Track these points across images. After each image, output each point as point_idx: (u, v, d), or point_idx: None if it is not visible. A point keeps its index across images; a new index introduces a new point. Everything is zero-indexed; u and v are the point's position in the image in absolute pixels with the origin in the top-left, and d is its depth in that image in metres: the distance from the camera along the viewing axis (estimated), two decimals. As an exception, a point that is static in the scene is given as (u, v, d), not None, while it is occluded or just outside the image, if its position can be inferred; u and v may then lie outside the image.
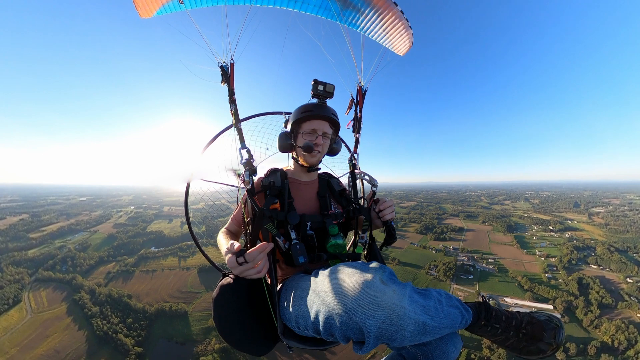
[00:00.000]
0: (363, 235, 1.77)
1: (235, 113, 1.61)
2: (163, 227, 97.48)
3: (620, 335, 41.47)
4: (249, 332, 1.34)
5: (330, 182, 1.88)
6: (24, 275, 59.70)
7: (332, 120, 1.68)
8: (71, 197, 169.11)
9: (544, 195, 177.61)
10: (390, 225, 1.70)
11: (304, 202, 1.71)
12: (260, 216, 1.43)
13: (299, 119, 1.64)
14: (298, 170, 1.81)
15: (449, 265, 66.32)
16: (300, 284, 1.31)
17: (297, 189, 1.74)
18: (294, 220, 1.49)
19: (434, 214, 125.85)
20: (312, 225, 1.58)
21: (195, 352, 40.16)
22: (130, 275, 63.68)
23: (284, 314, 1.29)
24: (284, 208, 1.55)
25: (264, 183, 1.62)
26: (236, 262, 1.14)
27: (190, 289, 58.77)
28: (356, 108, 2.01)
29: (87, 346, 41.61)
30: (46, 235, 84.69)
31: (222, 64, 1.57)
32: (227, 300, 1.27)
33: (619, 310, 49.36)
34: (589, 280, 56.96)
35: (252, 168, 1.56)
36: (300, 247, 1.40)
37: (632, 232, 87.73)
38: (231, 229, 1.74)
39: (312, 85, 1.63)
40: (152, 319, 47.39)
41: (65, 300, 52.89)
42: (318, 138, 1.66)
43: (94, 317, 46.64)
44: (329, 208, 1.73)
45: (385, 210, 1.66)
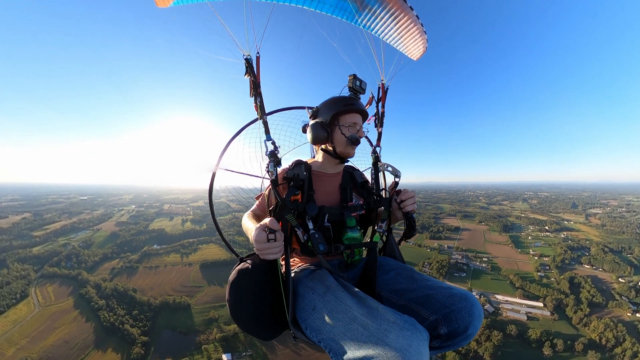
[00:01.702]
0: (381, 225, 1.75)
1: (261, 106, 1.59)
2: (165, 225, 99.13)
3: (609, 333, 42.21)
4: (261, 317, 1.36)
5: (354, 175, 1.89)
6: (29, 271, 61.19)
7: (365, 115, 1.77)
8: (72, 196, 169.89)
9: (543, 195, 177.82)
10: (410, 217, 1.69)
11: (326, 195, 1.71)
12: (282, 207, 1.44)
13: (340, 111, 1.65)
14: (326, 162, 1.82)
15: (443, 262, 67.64)
16: (326, 291, 1.28)
17: (320, 181, 1.75)
18: (312, 212, 1.52)
19: (431, 214, 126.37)
20: (330, 217, 1.60)
21: (198, 341, 42.49)
22: (134, 271, 65.44)
23: (301, 307, 1.30)
24: (304, 200, 1.58)
25: (288, 175, 1.63)
26: (266, 238, 1.19)
27: (192, 284, 60.71)
28: (378, 104, 2.04)
29: (94, 336, 43.52)
30: (49, 233, 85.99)
31: (248, 57, 1.56)
32: (244, 284, 1.29)
33: (609, 309, 50.25)
34: (581, 280, 57.88)
35: (277, 159, 1.55)
36: (319, 236, 1.44)
37: (628, 233, 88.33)
38: (256, 213, 1.80)
39: (349, 79, 1.68)
40: (156, 311, 49.52)
41: (72, 295, 54.63)
42: (360, 131, 1.70)
43: (100, 310, 48.53)
44: (350, 200, 1.73)
45: (407, 201, 1.67)
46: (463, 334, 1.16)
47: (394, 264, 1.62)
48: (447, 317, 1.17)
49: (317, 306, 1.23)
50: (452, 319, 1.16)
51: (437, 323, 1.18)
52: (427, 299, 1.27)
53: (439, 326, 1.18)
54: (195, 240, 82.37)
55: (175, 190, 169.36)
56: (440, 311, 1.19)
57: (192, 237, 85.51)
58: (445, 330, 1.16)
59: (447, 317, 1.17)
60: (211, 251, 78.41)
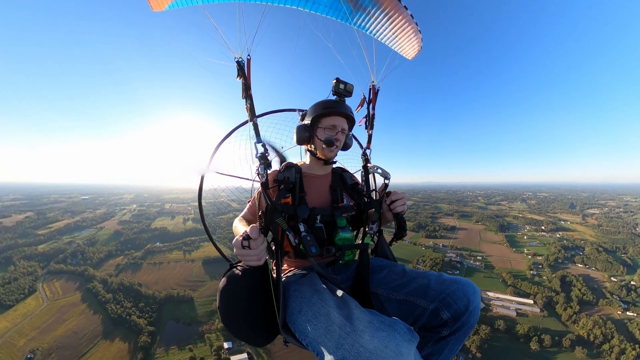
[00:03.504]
0: (372, 226, 1.76)
1: (251, 108, 1.57)
2: (166, 224, 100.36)
3: (597, 330, 43.07)
4: (252, 323, 1.34)
5: (343, 176, 1.90)
6: (36, 268, 62.75)
7: (350, 118, 1.74)
8: (73, 196, 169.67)
9: (542, 196, 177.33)
10: (400, 217, 1.70)
11: (316, 196, 1.72)
12: (272, 210, 1.42)
13: (320, 114, 1.68)
14: (313, 164, 1.83)
15: (436, 260, 68.90)
16: (313, 294, 1.29)
17: (310, 182, 1.76)
18: (303, 214, 1.52)
19: (428, 213, 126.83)
20: (321, 218, 1.59)
21: (201, 331, 44.87)
22: (138, 267, 67.38)
23: (290, 311, 1.29)
24: (295, 202, 1.57)
25: (279, 177, 1.63)
26: (241, 245, 1.19)
27: (195, 278, 62.85)
28: (369, 106, 2.03)
29: (102, 327, 45.66)
30: (54, 232, 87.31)
31: (239, 59, 1.54)
32: (234, 290, 1.28)
33: (599, 307, 51.09)
34: (572, 278, 58.80)
35: (267, 162, 1.53)
36: (311, 238, 1.44)
37: (624, 233, 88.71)
38: (246, 218, 1.79)
39: (333, 83, 1.67)
40: (161, 303, 51.83)
41: (79, 290, 56.53)
42: (338, 134, 1.70)
43: (107, 303, 50.58)
44: (341, 201, 1.74)
45: (396, 202, 1.68)
46: (466, 311, 1.21)
47: (385, 264, 1.65)
48: (445, 302, 1.23)
49: (302, 309, 1.24)
50: (450, 302, 1.22)
51: (439, 310, 1.24)
52: (422, 290, 1.33)
53: (440, 312, 1.23)
54: (197, 238, 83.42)
55: (176, 190, 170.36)
56: (437, 298, 1.26)
57: (194, 235, 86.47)
58: (447, 314, 1.22)
59: (445, 302, 1.23)
60: (213, 248, 77.90)
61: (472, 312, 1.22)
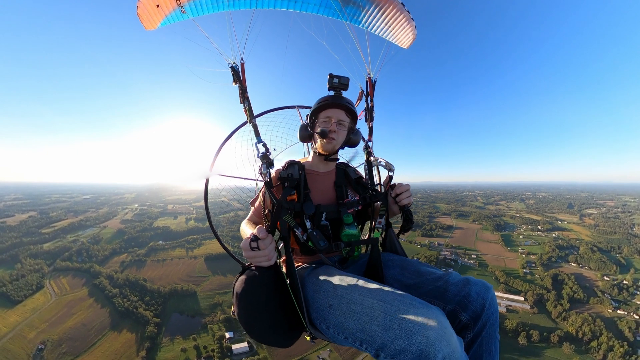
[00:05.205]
0: (380, 221, 1.75)
1: (249, 110, 1.61)
2: (169, 223, 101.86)
3: (586, 328, 43.83)
4: (277, 325, 1.32)
5: (347, 171, 1.90)
6: (42, 265, 64.34)
7: (347, 109, 1.71)
8: (75, 195, 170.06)
9: (541, 196, 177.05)
10: (407, 210, 1.69)
11: (321, 193, 1.72)
12: (278, 208, 1.43)
13: (316, 109, 1.71)
14: (316, 160, 1.84)
15: (431, 258, 69.96)
16: (336, 287, 1.26)
17: (314, 179, 1.76)
18: (309, 211, 1.52)
19: (426, 212, 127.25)
20: (327, 215, 1.59)
21: (204, 322, 47.37)
22: (142, 264, 69.38)
23: (317, 307, 1.27)
24: (301, 199, 1.57)
25: (282, 175, 1.63)
26: (249, 247, 1.19)
27: (198, 274, 64.97)
28: (367, 98, 2.02)
29: (110, 319, 47.83)
30: (58, 231, 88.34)
31: (233, 65, 1.58)
32: (253, 293, 1.25)
33: (590, 305, 52.01)
34: (564, 277, 59.76)
35: (269, 161, 1.55)
36: (317, 234, 1.43)
37: (619, 234, 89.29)
38: (252, 220, 1.80)
39: (327, 79, 1.67)
40: (166, 297, 54.13)
41: (86, 285, 58.34)
42: (332, 125, 1.68)
43: (114, 297, 52.60)
44: (346, 197, 1.74)
45: (402, 195, 1.67)
46: (483, 310, 1.21)
47: (397, 260, 1.62)
48: (461, 304, 1.23)
49: (332, 304, 1.20)
50: (466, 303, 1.22)
51: (456, 312, 1.24)
52: (438, 291, 1.32)
53: (459, 314, 1.23)
54: (199, 237, 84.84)
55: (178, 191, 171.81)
56: (454, 300, 1.25)
57: (196, 234, 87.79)
58: (466, 316, 1.22)
59: (461, 304, 1.23)
60: (215, 245, 78.35)
61: (489, 309, 1.22)
